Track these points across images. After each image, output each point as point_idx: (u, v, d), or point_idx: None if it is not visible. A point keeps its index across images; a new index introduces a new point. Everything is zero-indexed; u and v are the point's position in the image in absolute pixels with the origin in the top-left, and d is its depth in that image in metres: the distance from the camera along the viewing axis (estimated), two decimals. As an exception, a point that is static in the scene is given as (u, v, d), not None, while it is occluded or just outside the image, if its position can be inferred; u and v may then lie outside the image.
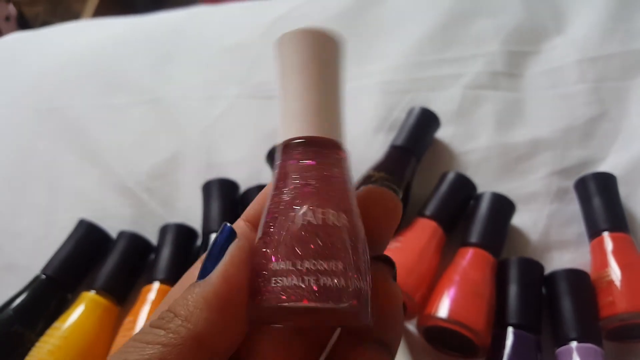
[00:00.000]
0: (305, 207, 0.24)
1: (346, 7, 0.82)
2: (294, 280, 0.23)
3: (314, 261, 0.23)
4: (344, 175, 0.26)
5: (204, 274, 0.23)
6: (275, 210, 0.25)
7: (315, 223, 0.24)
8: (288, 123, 0.27)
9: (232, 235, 0.24)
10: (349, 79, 0.78)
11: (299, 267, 0.23)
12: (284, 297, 0.23)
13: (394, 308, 0.25)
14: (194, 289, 0.23)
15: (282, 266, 0.23)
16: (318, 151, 0.26)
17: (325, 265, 0.23)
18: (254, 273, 0.24)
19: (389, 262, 0.26)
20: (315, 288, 0.23)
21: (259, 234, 0.25)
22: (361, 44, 0.77)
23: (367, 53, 0.76)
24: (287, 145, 0.26)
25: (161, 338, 0.21)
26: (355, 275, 0.23)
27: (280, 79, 0.28)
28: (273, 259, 0.24)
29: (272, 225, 0.24)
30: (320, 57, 0.27)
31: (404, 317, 0.26)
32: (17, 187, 0.71)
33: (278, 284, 0.23)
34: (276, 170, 0.26)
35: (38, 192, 0.70)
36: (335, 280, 0.23)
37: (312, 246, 0.23)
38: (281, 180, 0.26)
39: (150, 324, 0.22)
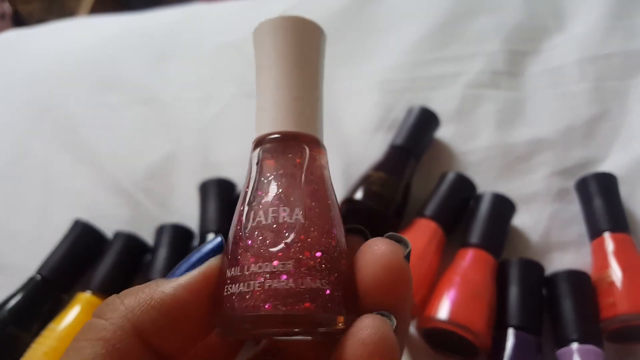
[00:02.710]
0: (253, 210, 0.23)
1: (344, 6, 0.81)
2: (241, 287, 0.22)
3: (260, 264, 0.21)
4: (305, 169, 0.24)
5: (174, 273, 0.23)
6: (236, 215, 0.24)
7: (264, 223, 0.22)
8: (258, 118, 0.26)
9: (218, 249, 0.24)
10: (348, 78, 0.78)
11: (246, 272, 0.22)
12: (235, 304, 0.21)
13: (401, 287, 0.23)
14: (156, 285, 0.23)
15: (232, 273, 0.22)
16: (277, 148, 0.24)
17: (271, 268, 0.21)
18: (219, 282, 0.23)
19: (401, 241, 0.24)
20: (259, 293, 0.21)
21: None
22: (360, 43, 0.77)
23: (366, 52, 0.75)
24: (256, 143, 0.25)
25: (102, 332, 0.21)
26: (311, 276, 0.21)
27: (256, 71, 0.26)
28: (227, 265, 0.23)
29: (231, 231, 0.24)
30: (298, 45, 0.26)
31: (411, 296, 0.24)
32: (11, 187, 0.71)
33: (229, 291, 0.22)
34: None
35: (32, 192, 0.69)
36: (283, 283, 0.21)
37: (256, 248, 0.22)
38: (245, 183, 0.25)
39: (94, 313, 0.22)
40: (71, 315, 0.51)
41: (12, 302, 0.53)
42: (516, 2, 0.75)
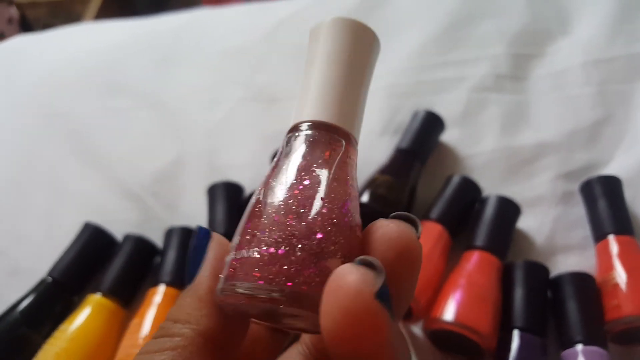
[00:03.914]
0: (276, 188, 0.23)
1: (349, 10, 0.82)
2: (230, 256, 0.22)
3: (280, 240, 0.22)
4: (336, 158, 0.24)
5: (190, 278, 0.24)
6: (258, 191, 0.24)
7: (285, 203, 0.23)
8: (298, 107, 0.26)
9: (208, 235, 0.25)
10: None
11: (254, 243, 0.22)
12: (238, 274, 0.22)
13: (412, 264, 0.22)
14: (186, 294, 0.23)
15: (241, 240, 0.23)
16: (312, 135, 0.25)
17: (290, 245, 0.21)
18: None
19: (411, 221, 0.23)
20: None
21: None
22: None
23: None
24: (291, 128, 0.26)
25: (167, 344, 0.22)
26: (298, 256, 0.21)
27: (306, 66, 0.27)
28: (243, 239, 0.23)
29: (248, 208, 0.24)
30: (356, 48, 0.26)
31: (417, 274, 0.23)
32: (21, 190, 0.71)
33: (234, 258, 0.22)
34: None
35: (42, 196, 0.70)
36: (300, 260, 0.21)
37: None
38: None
39: (153, 336, 0.23)
40: (82, 316, 0.52)
41: (24, 303, 0.53)
42: (520, 6, 0.76)
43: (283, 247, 0.21)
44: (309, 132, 0.25)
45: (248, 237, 0.22)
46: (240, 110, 0.75)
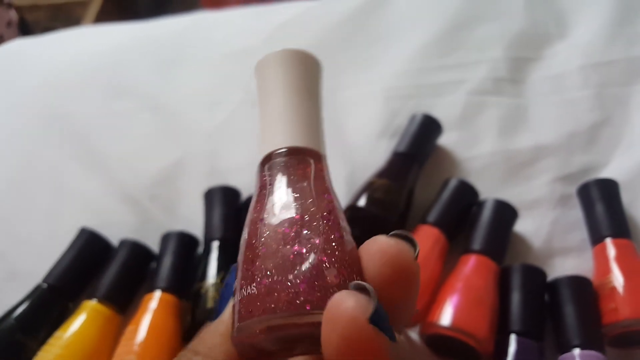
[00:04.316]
0: (263, 221, 0.24)
1: (349, 14, 0.82)
2: (243, 292, 0.22)
3: (277, 274, 0.22)
4: (312, 179, 0.25)
5: (217, 314, 0.25)
6: (246, 228, 0.25)
7: (275, 233, 0.23)
8: (264, 138, 0.27)
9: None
10: (352, 85, 0.78)
11: (250, 279, 0.22)
12: (242, 314, 0.22)
13: (408, 283, 0.22)
14: (209, 328, 0.24)
15: (240, 281, 0.23)
16: (284, 161, 0.26)
17: (270, 276, 0.22)
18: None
19: (410, 241, 0.23)
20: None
21: None
22: (364, 50, 0.77)
23: (370, 59, 0.76)
24: (263, 160, 0.27)
25: None
26: (294, 279, 0.21)
27: (260, 98, 0.29)
28: (244, 278, 0.23)
29: (242, 246, 0.24)
30: (307, 74, 0.28)
31: (415, 294, 0.23)
32: (20, 193, 0.71)
33: (237, 301, 0.23)
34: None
35: (42, 198, 0.70)
36: (300, 288, 0.21)
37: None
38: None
39: None
40: (77, 322, 0.52)
41: (20, 309, 0.53)
42: (519, 9, 0.76)
43: (277, 275, 0.21)
44: (283, 159, 0.26)
45: (245, 274, 0.23)
46: (241, 113, 0.75)
